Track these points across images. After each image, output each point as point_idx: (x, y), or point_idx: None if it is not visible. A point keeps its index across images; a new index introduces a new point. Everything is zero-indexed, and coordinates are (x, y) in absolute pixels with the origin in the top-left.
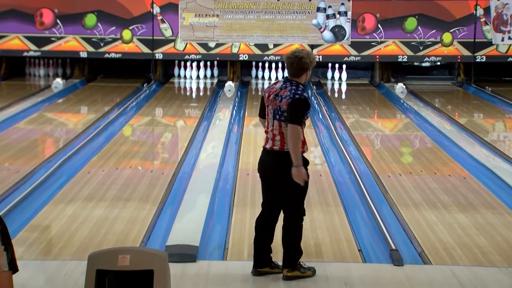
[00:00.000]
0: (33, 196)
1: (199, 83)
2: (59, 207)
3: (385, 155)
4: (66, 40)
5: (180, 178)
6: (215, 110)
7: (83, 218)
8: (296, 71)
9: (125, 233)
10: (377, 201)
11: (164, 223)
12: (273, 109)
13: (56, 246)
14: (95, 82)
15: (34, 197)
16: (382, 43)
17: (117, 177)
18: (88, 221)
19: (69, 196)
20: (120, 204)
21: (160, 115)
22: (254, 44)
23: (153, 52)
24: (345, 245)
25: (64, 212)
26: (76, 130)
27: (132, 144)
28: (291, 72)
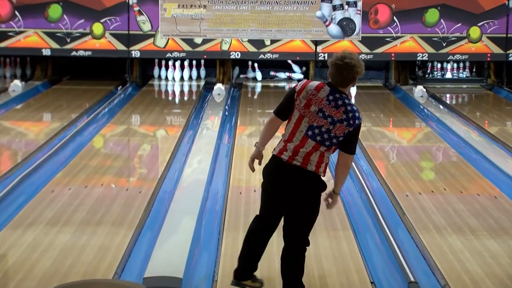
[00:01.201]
0: None
1: (183, 85)
2: (17, 232)
3: (402, 170)
4: (26, 35)
5: (161, 197)
6: (202, 117)
7: (45, 245)
8: (346, 81)
9: (95, 263)
10: (392, 225)
11: (141, 251)
12: (315, 126)
13: (13, 279)
14: (60, 84)
15: None
16: (398, 38)
17: (86, 197)
18: (51, 249)
19: (29, 219)
20: (90, 229)
21: (137, 124)
22: (248, 40)
23: (129, 49)
24: (355, 277)
25: (23, 238)
26: (37, 142)
27: (104, 157)
28: (339, 81)
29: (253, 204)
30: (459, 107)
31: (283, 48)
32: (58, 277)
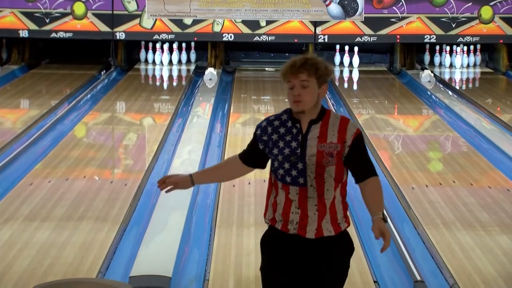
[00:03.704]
0: None
1: (171, 70)
2: None
3: (408, 161)
4: (1, 16)
5: (148, 191)
6: (193, 104)
7: (23, 243)
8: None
9: (77, 262)
10: (397, 220)
11: (127, 248)
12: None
13: None
14: (38, 68)
15: None
16: (404, 19)
17: (67, 191)
18: (29, 247)
19: (5, 215)
20: (71, 224)
21: (122, 111)
22: (242, 20)
23: (113, 30)
24: (357, 276)
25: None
26: (14, 130)
27: (87, 148)
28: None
29: (248, 198)
30: (469, 93)
31: (279, 30)
32: (37, 278)
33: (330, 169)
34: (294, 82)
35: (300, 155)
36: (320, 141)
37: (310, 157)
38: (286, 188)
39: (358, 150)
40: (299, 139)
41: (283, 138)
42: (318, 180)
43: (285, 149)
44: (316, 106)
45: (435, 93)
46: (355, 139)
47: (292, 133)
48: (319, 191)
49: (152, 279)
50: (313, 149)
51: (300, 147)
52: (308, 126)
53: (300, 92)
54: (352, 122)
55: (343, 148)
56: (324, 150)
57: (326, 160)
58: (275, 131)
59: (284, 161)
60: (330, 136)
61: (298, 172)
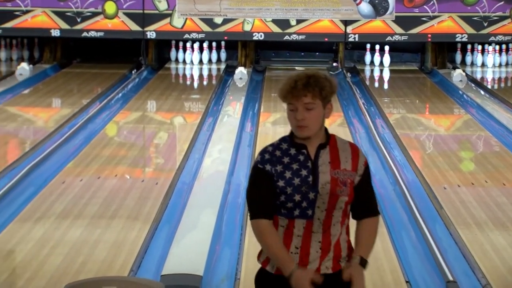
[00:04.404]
0: None
1: (202, 69)
2: (25, 227)
3: (440, 161)
4: (33, 15)
5: (179, 190)
6: (223, 103)
7: (55, 241)
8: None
9: (109, 260)
10: (429, 220)
11: (158, 247)
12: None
13: (21, 277)
14: (70, 68)
15: None
16: (436, 18)
17: (99, 189)
18: (62, 245)
19: (38, 213)
20: (103, 223)
21: (153, 110)
22: (272, 19)
23: (144, 30)
24: (389, 276)
25: (32, 233)
26: (46, 129)
27: (118, 146)
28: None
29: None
30: (501, 92)
31: (310, 29)
32: (69, 275)
33: (342, 200)
34: (296, 104)
35: (312, 183)
36: (333, 167)
37: (323, 185)
38: (291, 222)
39: (367, 182)
40: (309, 166)
41: (289, 167)
42: (327, 212)
43: (294, 179)
44: (321, 129)
45: (467, 92)
46: (366, 168)
47: (299, 161)
48: (325, 225)
49: (183, 277)
50: (327, 176)
51: (311, 174)
52: (316, 151)
53: (305, 116)
54: (361, 150)
55: (355, 177)
56: (338, 177)
57: (340, 189)
58: (279, 162)
59: (294, 193)
60: (343, 163)
61: (308, 203)
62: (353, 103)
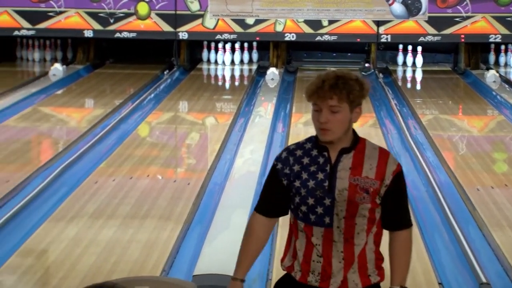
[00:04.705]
0: (26, 212)
1: (234, 70)
2: (58, 226)
3: (473, 162)
4: (67, 16)
5: (211, 190)
6: (255, 104)
7: (88, 240)
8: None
9: (141, 260)
10: (462, 221)
11: (190, 247)
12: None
13: (55, 276)
14: (103, 68)
15: (27, 214)
16: (469, 18)
17: (131, 189)
18: (95, 244)
19: (71, 213)
20: (136, 223)
21: (185, 111)
22: (304, 20)
23: (176, 30)
24: (421, 278)
25: (65, 233)
26: (79, 129)
27: (150, 147)
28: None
29: None
30: None
31: (342, 29)
32: (102, 275)
33: (364, 207)
34: (321, 105)
35: (328, 188)
36: (353, 174)
37: (340, 192)
38: (309, 229)
39: (397, 192)
40: (327, 170)
41: (306, 168)
42: (347, 220)
43: (309, 181)
44: (347, 133)
45: (500, 93)
46: (396, 177)
47: (318, 163)
48: (347, 234)
49: (215, 277)
50: (344, 182)
51: (328, 179)
52: (338, 155)
53: (329, 119)
54: (393, 156)
55: (380, 187)
56: (358, 184)
57: (360, 197)
58: (297, 162)
59: (308, 196)
60: (366, 170)
61: (324, 210)
62: (385, 104)
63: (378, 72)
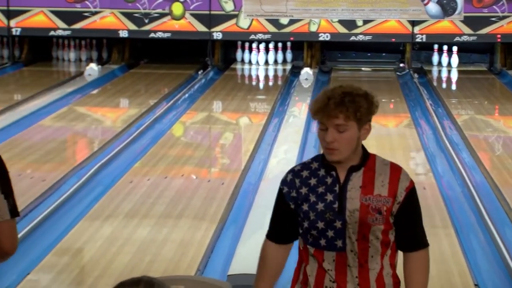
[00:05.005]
0: (62, 212)
1: (268, 70)
2: (94, 225)
3: (509, 162)
4: (102, 16)
5: (245, 190)
6: (289, 104)
7: (123, 239)
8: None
9: (176, 259)
10: (498, 222)
11: (225, 246)
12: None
13: (90, 275)
14: (137, 68)
15: (63, 213)
16: (505, 18)
17: (165, 189)
18: (130, 243)
19: (107, 212)
20: (170, 222)
21: (219, 111)
22: (338, 20)
23: (210, 30)
24: (457, 279)
25: (100, 232)
26: (114, 129)
27: (185, 147)
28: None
29: None
30: None
31: (376, 29)
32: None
33: (377, 229)
34: (327, 124)
35: (338, 210)
36: (364, 193)
37: (351, 213)
38: (320, 254)
39: (410, 210)
40: (336, 190)
41: (314, 190)
42: (361, 243)
43: (318, 203)
44: (356, 151)
45: None
46: (409, 194)
47: (326, 184)
48: (362, 258)
49: (250, 277)
50: (355, 203)
51: (337, 200)
52: (347, 174)
53: (335, 138)
54: (405, 172)
55: (393, 204)
56: (370, 204)
57: (372, 218)
58: (304, 184)
59: (317, 219)
60: (378, 187)
61: (335, 233)
62: (420, 104)
63: (413, 72)
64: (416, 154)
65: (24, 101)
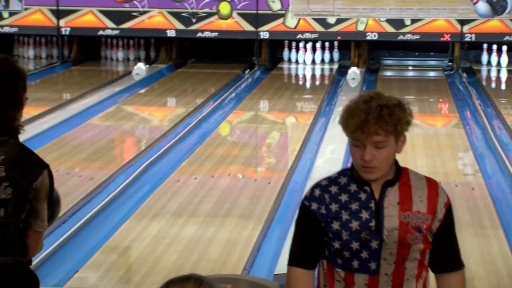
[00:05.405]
0: (109, 210)
1: (314, 69)
2: (141, 223)
3: None
4: (150, 16)
5: (291, 189)
6: (336, 103)
7: (170, 238)
8: None
9: (223, 258)
10: None
11: (271, 245)
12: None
13: (137, 273)
14: (185, 67)
15: (111, 211)
16: None
17: (212, 187)
18: (177, 242)
19: (154, 211)
20: (217, 221)
21: (266, 110)
22: (386, 19)
23: (257, 30)
24: (506, 280)
25: (148, 230)
26: (162, 128)
27: (231, 146)
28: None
29: None
30: None
31: (425, 29)
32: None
33: (416, 248)
34: (364, 142)
35: (375, 229)
36: (402, 209)
37: (389, 232)
38: (350, 277)
39: (448, 227)
40: (372, 207)
41: (346, 207)
42: (397, 265)
43: (352, 222)
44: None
45: None
46: (448, 211)
47: (359, 200)
48: (396, 282)
49: None
50: (394, 220)
51: (374, 217)
52: (382, 190)
53: (374, 155)
54: (442, 187)
55: (432, 222)
56: (410, 222)
57: (412, 237)
58: (334, 200)
59: (351, 239)
60: (416, 203)
61: (370, 254)
62: (469, 104)
63: (461, 72)
64: (465, 154)
65: (73, 100)
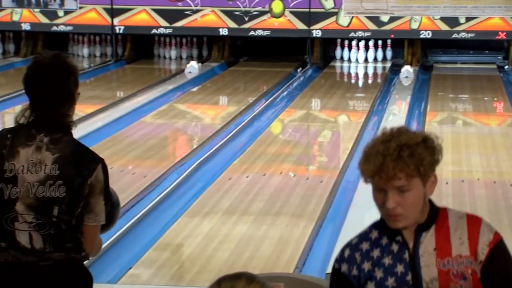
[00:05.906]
0: (162, 207)
1: (367, 67)
2: (193, 221)
3: None
4: (203, 14)
5: (343, 188)
6: (388, 102)
7: (222, 236)
8: None
9: (274, 256)
10: None
11: (323, 244)
12: None
13: (190, 271)
14: (237, 66)
15: (163, 209)
16: None
17: (264, 186)
18: (229, 240)
19: (206, 208)
20: (269, 219)
21: (318, 108)
22: (440, 17)
23: (310, 28)
24: None
25: (200, 228)
26: (214, 126)
27: (283, 144)
28: None
29: (445, 197)
30: None
31: (479, 27)
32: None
33: None
34: (385, 187)
35: (412, 283)
36: (440, 256)
37: (428, 284)
38: None
39: (497, 270)
40: (406, 258)
41: (379, 263)
42: None
43: (387, 279)
44: (423, 209)
45: None
46: (494, 250)
47: (392, 253)
48: None
49: None
50: (433, 270)
51: (410, 270)
52: (415, 236)
53: (398, 202)
54: (487, 223)
55: (476, 265)
56: (451, 269)
57: (456, 286)
58: (366, 258)
59: None
60: (455, 247)
61: None
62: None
63: None
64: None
65: (126, 98)
